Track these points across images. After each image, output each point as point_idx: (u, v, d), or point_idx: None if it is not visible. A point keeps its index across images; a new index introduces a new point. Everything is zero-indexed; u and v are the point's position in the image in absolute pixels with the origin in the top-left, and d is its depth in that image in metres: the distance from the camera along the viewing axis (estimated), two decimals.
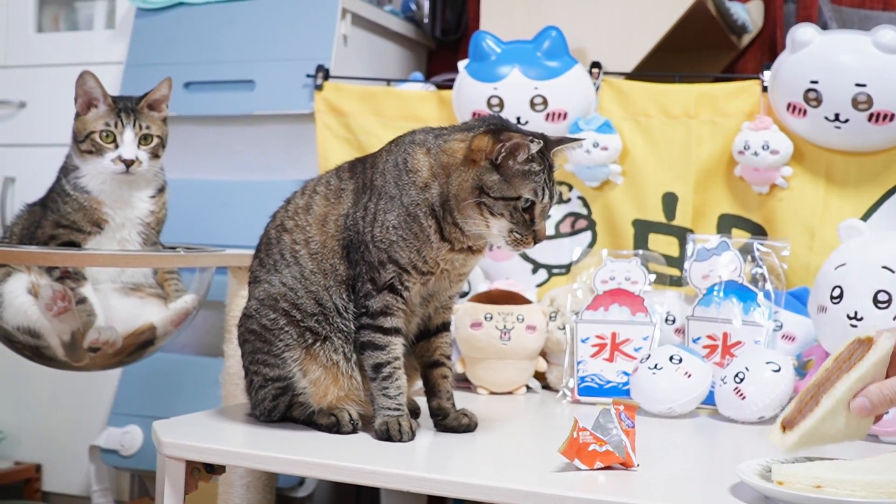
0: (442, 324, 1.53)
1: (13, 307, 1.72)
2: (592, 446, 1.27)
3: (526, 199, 1.35)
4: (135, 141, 1.80)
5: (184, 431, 1.44)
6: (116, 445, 2.51)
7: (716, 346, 1.80)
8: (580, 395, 1.83)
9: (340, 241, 1.46)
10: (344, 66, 2.42)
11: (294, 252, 1.48)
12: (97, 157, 1.76)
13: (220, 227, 2.48)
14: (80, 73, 1.79)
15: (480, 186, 1.35)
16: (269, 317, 1.47)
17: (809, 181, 1.96)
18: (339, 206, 1.48)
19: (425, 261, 1.41)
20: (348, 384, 1.46)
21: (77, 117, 1.79)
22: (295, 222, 1.50)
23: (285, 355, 1.45)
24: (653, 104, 2.07)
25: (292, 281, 1.47)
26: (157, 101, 1.86)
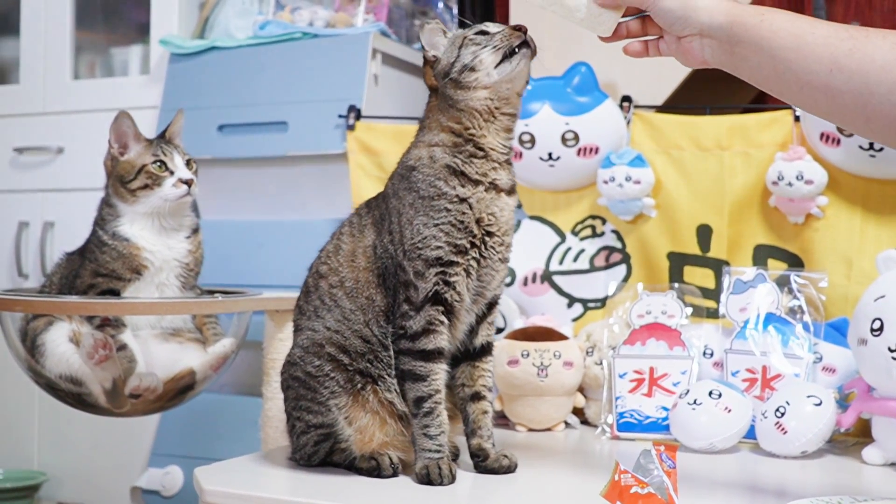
0: (486, 344, 1.53)
1: (55, 356, 1.75)
2: (634, 489, 1.26)
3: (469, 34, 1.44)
4: (184, 164, 1.83)
5: (225, 478, 1.45)
6: (157, 486, 2.53)
7: (755, 379, 1.79)
8: (619, 431, 1.82)
9: (373, 272, 1.48)
10: (375, 105, 2.44)
11: (332, 296, 1.50)
12: (154, 190, 1.79)
13: (255, 268, 2.50)
14: (117, 115, 1.82)
15: (446, 74, 1.45)
16: (314, 364, 1.47)
17: (845, 210, 1.94)
18: (364, 239, 1.51)
19: (465, 229, 1.42)
20: (395, 429, 1.46)
21: (115, 161, 1.81)
22: (328, 266, 1.52)
23: (330, 403, 1.45)
24: (684, 137, 2.07)
25: (336, 324, 1.48)
26: (175, 132, 1.90)
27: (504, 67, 1.42)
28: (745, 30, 1.18)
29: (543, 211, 2.19)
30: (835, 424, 1.64)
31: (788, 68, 1.15)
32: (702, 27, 1.21)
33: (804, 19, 1.16)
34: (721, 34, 1.20)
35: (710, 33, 1.21)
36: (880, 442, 1.60)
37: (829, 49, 1.12)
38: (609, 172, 2.05)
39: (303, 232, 2.47)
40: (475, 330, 1.51)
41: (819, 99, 1.14)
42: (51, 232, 2.84)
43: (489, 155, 1.45)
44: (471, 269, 1.45)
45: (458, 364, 1.52)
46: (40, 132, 2.87)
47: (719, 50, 1.22)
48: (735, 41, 1.19)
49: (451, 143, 1.45)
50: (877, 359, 1.55)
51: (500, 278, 1.50)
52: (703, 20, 1.20)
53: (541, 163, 2.10)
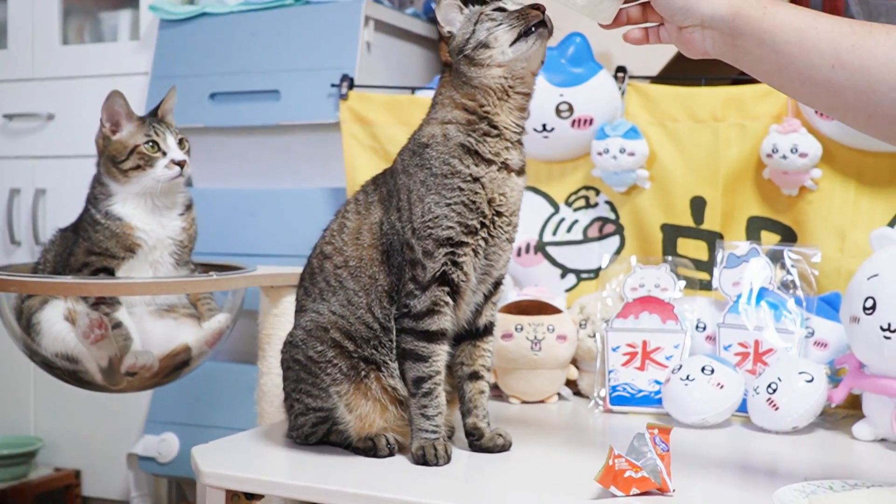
0: (489, 324, 1.54)
1: (51, 335, 1.75)
2: (628, 473, 1.28)
3: (486, 10, 1.44)
4: (177, 144, 1.82)
5: (222, 459, 1.46)
6: (153, 453, 2.55)
7: (747, 353, 1.80)
8: (612, 405, 1.84)
9: (378, 249, 1.47)
10: (368, 73, 2.42)
11: (337, 276, 1.49)
12: (146, 171, 1.77)
13: (249, 236, 2.50)
14: (110, 94, 1.80)
15: (460, 50, 1.44)
16: (317, 349, 1.47)
17: (839, 183, 1.94)
18: (370, 217, 1.50)
19: (477, 209, 1.42)
20: (394, 414, 1.47)
21: (108, 141, 1.79)
22: (332, 246, 1.52)
23: (331, 390, 1.45)
24: (679, 108, 2.06)
25: (341, 308, 1.48)
26: (168, 110, 1.88)
27: (519, 46, 1.42)
28: (747, 22, 1.17)
29: (537, 181, 2.19)
30: (826, 400, 1.66)
31: (790, 63, 1.14)
32: (703, 18, 1.20)
33: (807, 13, 1.15)
34: (723, 26, 1.19)
35: (711, 24, 1.20)
36: (870, 418, 1.62)
37: (831, 44, 1.11)
38: (603, 144, 2.04)
39: (296, 200, 2.47)
40: (480, 310, 1.52)
41: (821, 94, 1.14)
42: (42, 199, 2.83)
43: (503, 133, 1.45)
44: (479, 249, 1.45)
45: (460, 343, 1.52)
46: (30, 98, 2.85)
47: (721, 42, 1.21)
48: (737, 34, 1.18)
49: (465, 121, 1.45)
50: (869, 337, 1.57)
51: (506, 258, 1.51)
52: (705, 11, 1.19)
53: (535, 134, 2.09)
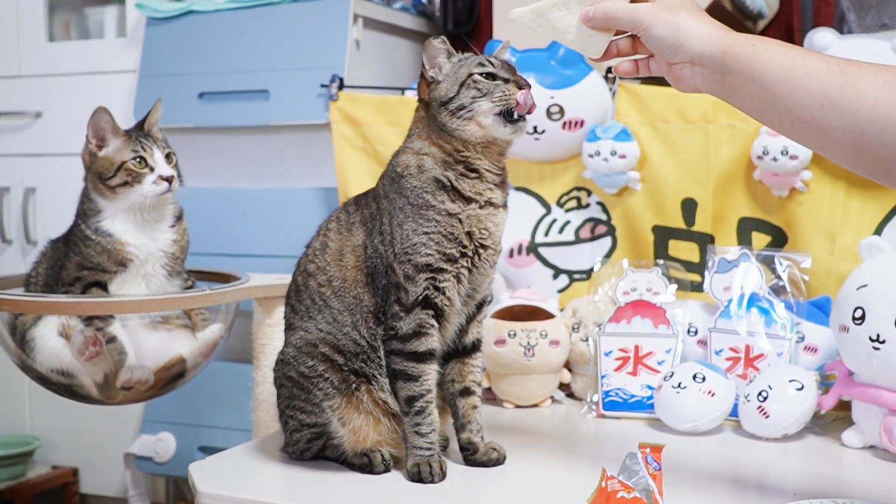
0: (476, 341, 1.55)
1: (45, 350, 1.75)
2: (621, 494, 1.29)
3: (475, 72, 1.43)
4: (164, 159, 1.81)
5: (220, 478, 1.47)
6: (150, 452, 2.57)
7: (738, 358, 1.82)
8: (605, 410, 1.85)
9: (362, 271, 1.48)
10: (358, 71, 2.41)
11: (322, 295, 1.50)
12: (134, 187, 1.77)
13: (240, 236, 2.50)
14: (95, 110, 1.78)
15: (443, 102, 1.43)
16: (308, 364, 1.48)
17: (829, 185, 1.95)
18: (352, 238, 1.51)
19: (456, 240, 1.43)
20: (388, 427, 1.48)
21: (95, 157, 1.78)
22: (316, 265, 1.52)
23: (324, 404, 1.46)
24: (670, 109, 2.06)
25: (327, 326, 1.49)
26: (154, 123, 1.86)
27: (498, 126, 1.42)
28: (737, 60, 1.16)
29: (529, 182, 2.19)
30: (815, 406, 1.68)
31: (779, 101, 1.14)
32: (693, 56, 1.20)
33: (797, 51, 1.15)
34: (712, 64, 1.19)
35: (701, 62, 1.20)
36: (859, 425, 1.63)
37: (820, 84, 1.11)
38: (594, 146, 2.04)
39: (287, 200, 2.47)
40: (465, 329, 1.53)
41: (810, 133, 1.14)
42: (32, 197, 2.82)
43: (483, 176, 1.45)
44: (461, 275, 1.46)
45: (448, 361, 1.53)
46: (16, 96, 2.83)
47: (711, 79, 1.20)
48: (726, 71, 1.18)
49: (442, 159, 1.45)
50: (858, 347, 1.58)
51: (489, 281, 1.52)
52: (695, 49, 1.19)
53: (526, 136, 2.07)
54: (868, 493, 1.32)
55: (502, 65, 1.46)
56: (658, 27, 1.21)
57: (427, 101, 1.47)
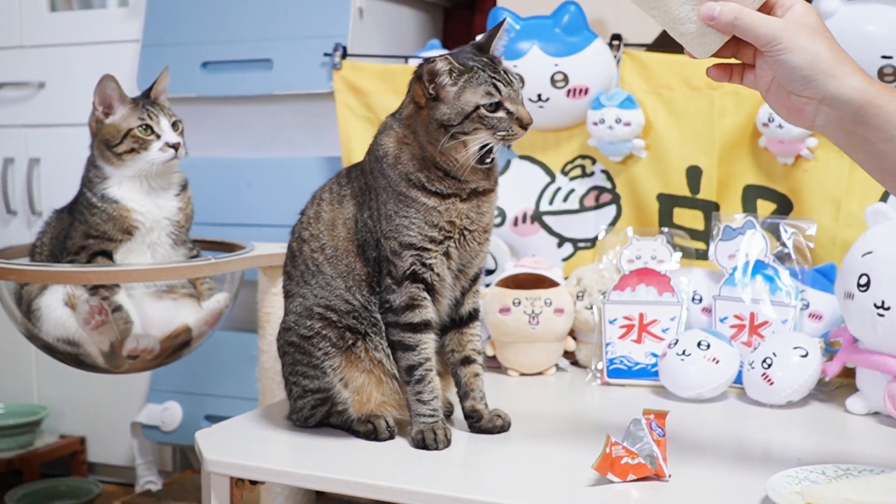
0: (472, 311, 1.55)
1: (51, 320, 1.76)
2: (625, 459, 1.30)
3: (482, 104, 1.37)
4: (170, 126, 1.81)
5: (226, 445, 1.48)
6: (157, 422, 2.58)
7: (743, 325, 1.82)
8: (609, 378, 1.86)
9: (353, 242, 1.49)
10: (361, 40, 2.40)
11: (314, 261, 1.51)
12: (140, 153, 1.77)
13: (244, 206, 2.50)
14: (102, 77, 1.79)
15: (441, 123, 1.38)
16: (306, 325, 1.49)
17: (835, 151, 1.92)
18: (343, 210, 1.51)
19: (438, 227, 1.43)
20: (390, 387, 1.49)
21: (101, 124, 1.79)
22: (310, 232, 1.53)
23: (325, 365, 1.47)
24: (675, 76, 2.05)
25: (320, 290, 1.50)
26: (161, 91, 1.87)
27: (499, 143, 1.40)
28: (878, 114, 1.06)
29: (533, 150, 2.18)
30: (820, 373, 1.68)
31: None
32: (826, 95, 1.09)
33: None
34: (846, 109, 1.08)
35: (833, 104, 1.09)
36: (864, 392, 1.64)
37: None
38: (599, 114, 2.03)
39: (291, 170, 2.46)
40: (460, 302, 1.53)
41: None
42: (37, 168, 2.82)
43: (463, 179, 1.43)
44: (450, 252, 1.46)
45: (446, 332, 1.53)
46: (19, 67, 2.82)
47: (836, 124, 1.10)
48: (861, 122, 1.07)
49: (420, 157, 1.42)
50: (862, 314, 1.58)
51: (481, 258, 1.52)
52: (831, 89, 1.08)
53: (529, 104, 2.08)
54: (872, 459, 1.33)
55: (508, 83, 1.39)
56: (797, 53, 1.08)
57: (423, 105, 1.41)
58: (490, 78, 1.38)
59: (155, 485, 2.65)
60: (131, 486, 2.77)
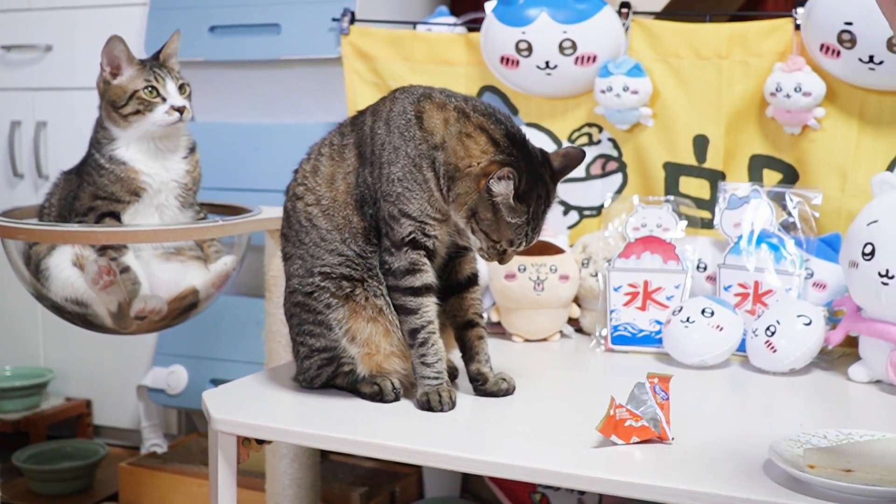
0: (471, 275, 1.56)
1: (60, 280, 1.77)
2: (629, 422, 1.31)
3: (502, 247, 1.43)
4: (177, 90, 1.81)
5: (233, 405, 1.50)
6: (163, 385, 2.60)
7: (747, 294, 1.83)
8: (613, 344, 1.87)
9: (353, 196, 1.49)
10: (369, 5, 2.39)
11: (308, 215, 1.51)
12: (146, 115, 1.77)
13: (251, 171, 2.50)
14: (109, 38, 1.79)
15: (475, 213, 1.40)
16: (307, 281, 1.50)
17: (842, 122, 1.94)
18: (344, 164, 1.51)
19: (437, 210, 1.44)
20: (396, 336, 1.49)
21: (108, 85, 1.79)
22: (305, 186, 1.53)
23: (330, 319, 1.48)
24: (683, 45, 2.04)
25: (314, 248, 1.50)
26: (170, 54, 1.86)
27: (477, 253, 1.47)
28: None
29: (540, 118, 2.18)
30: (823, 342, 1.69)
31: None
32: None
33: None
34: None
35: None
36: (866, 360, 1.65)
37: None
38: (606, 82, 2.03)
39: (299, 134, 2.44)
40: (459, 267, 1.54)
41: None
42: (44, 131, 2.82)
43: None
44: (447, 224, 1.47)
45: (447, 298, 1.54)
46: (26, 29, 2.81)
47: None
48: None
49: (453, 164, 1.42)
50: (867, 282, 1.59)
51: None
52: None
53: (538, 71, 2.08)
54: (873, 425, 1.34)
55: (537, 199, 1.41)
56: None
57: (482, 183, 1.39)
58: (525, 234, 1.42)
59: (160, 447, 2.67)
60: (137, 448, 2.80)
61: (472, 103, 1.46)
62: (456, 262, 1.53)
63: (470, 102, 1.46)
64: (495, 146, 1.40)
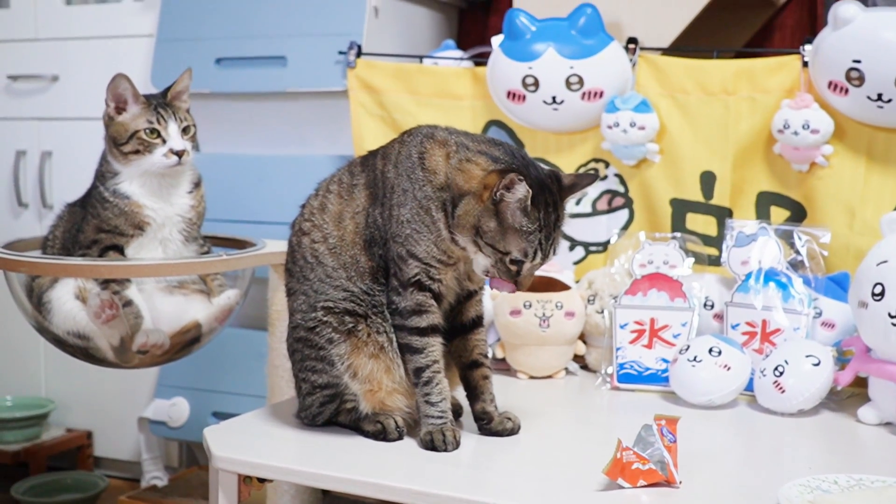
0: (476, 317, 1.54)
1: (62, 313, 1.76)
2: (636, 465, 1.29)
3: (514, 257, 1.37)
4: (179, 132, 1.80)
5: (234, 442, 1.48)
6: (164, 417, 2.58)
7: (755, 332, 1.81)
8: (619, 382, 1.85)
9: (362, 236, 1.48)
10: (376, 38, 2.39)
11: (314, 251, 1.50)
12: (145, 156, 1.77)
13: (256, 202, 2.50)
14: (114, 77, 1.78)
15: (478, 227, 1.37)
16: (310, 316, 1.49)
17: (850, 159, 1.93)
18: (353, 203, 1.49)
19: (444, 252, 1.43)
20: (398, 374, 1.48)
21: (111, 122, 1.79)
22: (312, 223, 1.52)
23: (332, 354, 1.46)
24: (690, 80, 2.04)
25: (319, 284, 1.49)
26: (180, 92, 1.86)
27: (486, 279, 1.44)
28: None
29: (546, 153, 2.17)
30: (832, 382, 1.67)
31: None
32: None
33: None
34: None
35: None
36: (876, 402, 1.63)
37: None
38: (613, 118, 2.03)
39: (304, 167, 2.45)
40: (463, 309, 1.52)
41: None
42: (49, 161, 2.82)
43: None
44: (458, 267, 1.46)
45: (452, 339, 1.52)
46: (34, 59, 2.82)
47: None
48: None
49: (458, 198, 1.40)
50: (876, 323, 1.57)
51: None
52: None
53: (544, 106, 2.08)
54: (883, 470, 1.32)
55: (544, 253, 1.39)
56: None
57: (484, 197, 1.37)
58: (538, 243, 1.37)
59: (161, 480, 2.65)
60: (137, 481, 2.77)
61: (474, 137, 1.46)
62: (462, 304, 1.52)
63: (471, 136, 1.46)
64: (495, 162, 1.39)
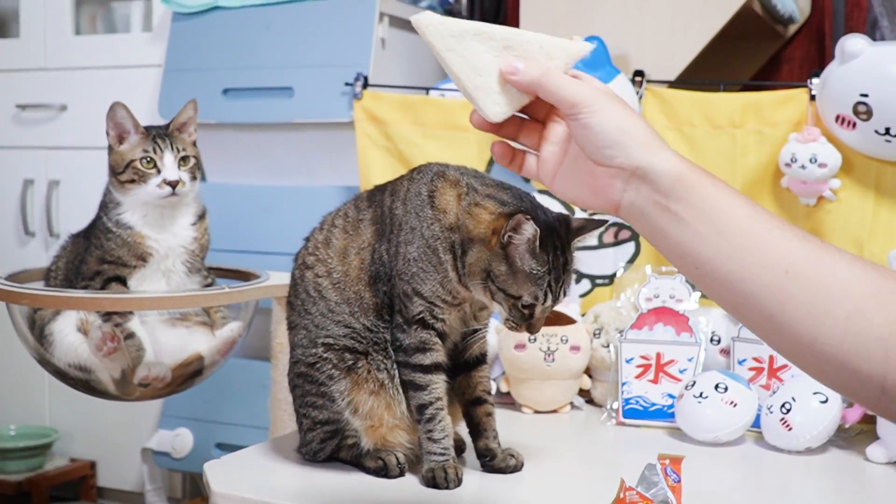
0: (480, 355, 1.53)
1: (63, 345, 1.75)
2: None
3: (525, 301, 1.35)
4: (175, 163, 1.80)
5: (234, 478, 1.46)
6: (168, 448, 2.57)
7: (762, 368, 1.79)
8: (625, 418, 1.83)
9: (367, 272, 1.46)
10: (383, 70, 2.40)
11: (317, 286, 1.49)
12: (140, 186, 1.77)
13: (261, 233, 2.50)
14: (111, 105, 1.79)
15: (489, 272, 1.35)
16: (310, 352, 1.48)
17: (858, 193, 1.92)
18: (358, 238, 1.48)
19: (450, 293, 1.41)
20: (399, 410, 1.46)
21: (111, 151, 1.79)
22: (316, 257, 1.51)
23: (332, 389, 1.45)
24: (697, 113, 2.03)
25: (320, 318, 1.48)
26: (184, 124, 1.85)
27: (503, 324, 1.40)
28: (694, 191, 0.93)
29: None
30: (840, 420, 1.65)
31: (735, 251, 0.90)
32: (639, 165, 0.93)
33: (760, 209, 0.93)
34: (661, 182, 0.93)
35: (645, 176, 0.94)
36: (884, 440, 1.60)
37: (787, 245, 0.89)
38: None
39: (309, 197, 2.46)
40: (467, 347, 1.51)
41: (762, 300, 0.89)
42: (56, 190, 2.83)
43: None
44: (463, 308, 1.45)
45: (455, 376, 1.51)
46: (42, 88, 2.84)
47: (649, 200, 0.94)
48: (676, 198, 0.93)
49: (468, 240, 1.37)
50: None
51: (489, 312, 1.49)
52: (645, 158, 0.93)
53: None
54: None
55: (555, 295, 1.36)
56: (608, 115, 0.95)
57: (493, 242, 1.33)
58: (548, 286, 1.34)
59: None
60: None
61: (483, 178, 1.44)
62: (467, 341, 1.51)
63: (480, 177, 1.44)
64: (503, 206, 1.37)
